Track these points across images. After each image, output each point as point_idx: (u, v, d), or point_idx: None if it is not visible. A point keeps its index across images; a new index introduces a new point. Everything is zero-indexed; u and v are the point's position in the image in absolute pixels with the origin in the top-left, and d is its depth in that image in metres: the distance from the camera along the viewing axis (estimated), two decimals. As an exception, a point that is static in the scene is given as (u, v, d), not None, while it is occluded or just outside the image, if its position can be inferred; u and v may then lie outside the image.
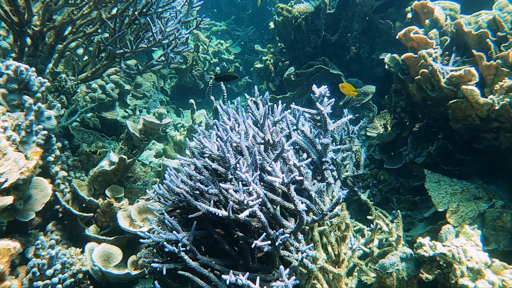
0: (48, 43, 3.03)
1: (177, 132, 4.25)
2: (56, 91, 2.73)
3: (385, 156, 3.39)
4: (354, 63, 4.53)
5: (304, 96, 4.03)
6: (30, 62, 2.95)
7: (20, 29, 2.82)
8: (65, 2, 2.73)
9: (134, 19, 2.96)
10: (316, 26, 4.29)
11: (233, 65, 6.15)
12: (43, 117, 2.31)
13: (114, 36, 2.71)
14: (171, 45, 2.76)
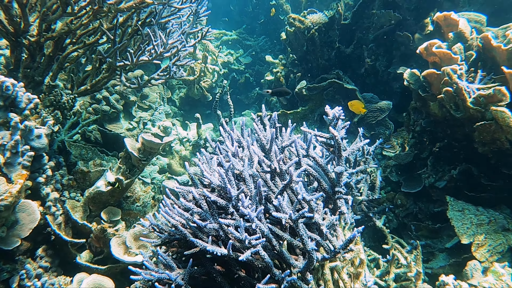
0: (46, 54, 2.87)
1: (182, 147, 4.06)
2: (51, 105, 2.57)
3: (402, 178, 3.15)
4: (370, 76, 4.31)
5: (316, 112, 3.82)
6: (26, 74, 2.80)
7: (15, 39, 2.67)
8: (63, 12, 2.56)
9: (136, 29, 2.80)
10: (330, 37, 4.08)
11: (243, 76, 5.97)
12: (33, 136, 2.14)
13: (114, 48, 2.54)
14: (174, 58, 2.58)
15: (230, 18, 7.57)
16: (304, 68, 4.52)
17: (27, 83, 2.83)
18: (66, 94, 2.59)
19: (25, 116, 2.07)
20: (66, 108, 2.56)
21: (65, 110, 2.57)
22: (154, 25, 2.48)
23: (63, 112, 2.57)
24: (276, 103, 5.07)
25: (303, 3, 5.72)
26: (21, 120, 2.00)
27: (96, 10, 2.49)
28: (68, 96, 2.57)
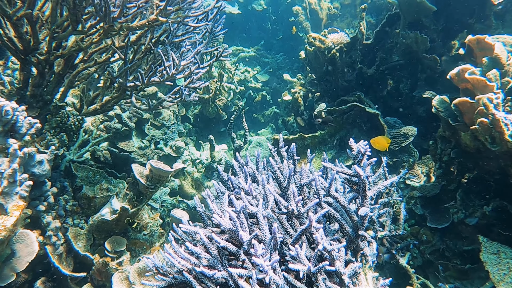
0: (56, 71, 2.76)
1: (194, 169, 3.91)
2: (57, 127, 2.44)
3: (427, 211, 2.93)
4: (392, 99, 4.11)
5: (336, 136, 3.63)
6: (34, 92, 2.69)
7: (25, 57, 2.56)
8: (73, 30, 2.45)
9: (149, 48, 2.68)
10: (352, 57, 3.91)
11: (260, 93, 5.83)
12: (34, 162, 2.00)
13: (124, 68, 2.41)
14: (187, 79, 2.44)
15: (248, 34, 7.47)
16: (324, 89, 4.34)
17: (35, 102, 2.72)
18: (73, 115, 2.47)
19: (25, 142, 1.93)
20: (73, 130, 2.43)
21: (71, 132, 2.44)
22: (167, 45, 2.34)
23: (69, 134, 2.44)
24: (293, 123, 4.90)
25: (323, 21, 5.58)
26: (20, 146, 1.87)
27: (106, 29, 2.37)
28: (75, 117, 2.44)
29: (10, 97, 2.61)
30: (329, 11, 5.60)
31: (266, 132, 5.45)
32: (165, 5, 2.46)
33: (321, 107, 3.58)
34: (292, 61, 6.68)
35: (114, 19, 2.15)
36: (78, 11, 2.36)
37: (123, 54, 2.50)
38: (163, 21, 2.51)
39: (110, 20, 2.13)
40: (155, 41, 2.90)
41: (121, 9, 2.04)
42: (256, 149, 4.90)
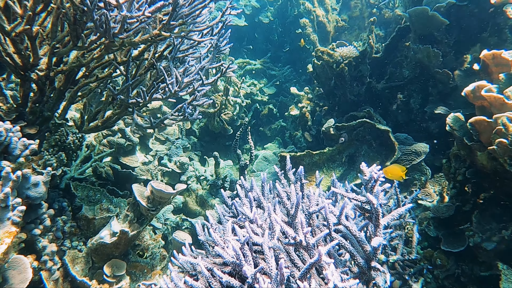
0: (57, 87, 2.69)
1: (199, 186, 3.81)
2: (56, 145, 2.36)
3: (441, 234, 2.80)
4: (402, 114, 3.99)
5: (345, 153, 3.52)
6: (34, 109, 2.62)
7: (24, 73, 2.49)
8: (74, 45, 2.37)
9: (151, 63, 2.60)
10: (361, 72, 3.81)
11: (266, 106, 5.73)
12: (29, 184, 1.91)
13: (125, 85, 2.33)
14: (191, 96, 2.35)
15: (255, 46, 7.40)
16: (332, 103, 4.24)
17: (34, 119, 2.65)
18: (72, 133, 2.38)
19: (19, 164, 1.85)
20: (72, 149, 2.35)
21: (70, 151, 2.36)
22: (170, 61, 2.25)
23: (68, 153, 2.35)
24: (300, 138, 4.79)
25: (330, 34, 5.49)
26: (13, 169, 1.78)
27: (107, 44, 2.29)
28: (74, 136, 2.35)
29: (8, 115, 2.54)
30: (336, 24, 5.52)
31: (272, 146, 5.34)
32: (168, 20, 2.38)
33: (330, 123, 3.47)
34: (299, 73, 6.59)
35: (114, 35, 2.07)
36: (78, 26, 2.29)
37: (125, 71, 2.42)
38: (166, 36, 2.43)
39: (110, 36, 2.05)
40: (158, 55, 2.82)
41: (122, 25, 1.96)
42: (263, 164, 4.80)
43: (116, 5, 1.82)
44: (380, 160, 3.36)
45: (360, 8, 5.75)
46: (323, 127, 3.56)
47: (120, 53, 2.69)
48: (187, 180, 3.86)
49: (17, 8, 2.28)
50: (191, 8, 2.49)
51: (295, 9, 6.92)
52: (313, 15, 5.40)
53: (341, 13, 5.80)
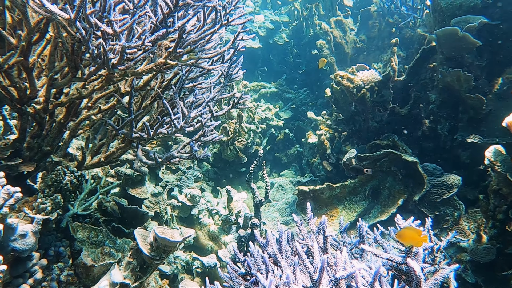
0: (57, 120, 2.50)
1: (211, 220, 3.56)
2: (52, 185, 2.15)
3: (481, 280, 2.49)
4: (428, 140, 3.71)
5: (368, 185, 3.24)
6: (32, 145, 2.43)
7: (21, 106, 2.31)
8: (73, 76, 2.18)
9: (156, 95, 2.40)
10: (383, 96, 3.56)
11: (282, 131, 5.50)
12: (15, 235, 1.70)
13: (128, 119, 2.13)
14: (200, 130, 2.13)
15: (269, 68, 7.22)
16: (352, 129, 3.98)
17: (32, 155, 2.45)
18: (70, 172, 2.17)
19: (2, 215, 1.63)
20: (69, 190, 2.14)
21: (68, 192, 2.14)
22: (175, 94, 2.04)
23: (65, 194, 2.14)
24: (319, 165, 4.52)
25: (348, 55, 5.27)
26: (-5, 221, 1.57)
27: (107, 76, 2.09)
28: (71, 175, 2.15)
29: (2, 152, 2.35)
30: (355, 45, 5.29)
31: (289, 173, 5.08)
32: (174, 47, 2.18)
33: (351, 154, 3.21)
34: (316, 95, 6.36)
35: (114, 66, 1.87)
36: (76, 56, 2.10)
37: (128, 103, 2.22)
38: (173, 64, 2.23)
39: (109, 67, 1.85)
40: (165, 84, 2.63)
41: (121, 56, 1.76)
42: (279, 193, 4.54)
43: (113, 34, 1.62)
44: (407, 193, 3.08)
45: (379, 27, 5.53)
46: (344, 158, 3.30)
47: (124, 83, 2.50)
48: (199, 213, 3.62)
49: (11, 38, 2.11)
50: (200, 34, 2.30)
51: (311, 30, 6.74)
52: (330, 36, 5.20)
53: (359, 33, 5.58)
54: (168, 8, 1.86)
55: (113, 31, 1.61)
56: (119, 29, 1.61)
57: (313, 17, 6.63)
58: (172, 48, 2.20)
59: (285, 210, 4.04)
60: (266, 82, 6.86)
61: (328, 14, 6.10)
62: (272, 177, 5.28)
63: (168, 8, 1.86)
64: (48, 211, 2.02)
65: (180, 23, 2.01)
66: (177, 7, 1.87)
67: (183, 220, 3.80)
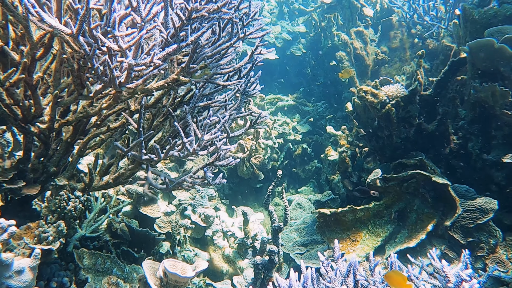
0: (64, 139, 2.36)
1: (226, 243, 3.38)
2: (55, 212, 2.00)
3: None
4: (457, 159, 3.47)
5: (393, 208, 3.02)
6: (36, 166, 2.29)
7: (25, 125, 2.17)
8: (79, 94, 2.04)
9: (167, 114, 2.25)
10: (409, 112, 3.35)
11: (300, 146, 5.30)
12: (11, 271, 1.54)
13: (136, 141, 1.97)
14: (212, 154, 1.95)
15: (286, 80, 7.05)
16: (374, 146, 3.77)
17: (37, 176, 2.32)
18: (75, 197, 2.02)
19: (-5, 251, 1.48)
20: (73, 217, 1.98)
21: (72, 219, 1.99)
22: (188, 114, 1.88)
23: (69, 221, 1.98)
24: (338, 183, 4.31)
25: (369, 67, 5.06)
26: (-14, 259, 1.41)
27: (115, 95, 1.95)
28: (76, 200, 1.99)
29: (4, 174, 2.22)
30: (376, 56, 5.09)
31: (307, 190, 4.87)
32: (187, 63, 2.03)
33: (376, 174, 3.00)
34: (335, 108, 6.15)
35: (121, 84, 1.72)
36: (82, 73, 1.96)
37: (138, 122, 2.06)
38: (186, 81, 2.08)
39: (116, 86, 1.70)
40: (178, 101, 2.47)
41: (128, 74, 1.60)
42: (297, 211, 4.34)
43: (119, 50, 1.46)
44: (437, 218, 2.85)
45: (401, 38, 5.32)
46: (368, 179, 3.08)
47: (134, 100, 2.35)
48: (213, 235, 3.44)
49: (13, 54, 1.98)
50: (215, 48, 2.14)
51: (329, 41, 6.56)
52: (350, 47, 5.01)
53: (380, 44, 5.38)
54: (180, 21, 1.71)
55: (118, 48, 1.46)
56: (125, 45, 1.45)
57: (331, 27, 6.45)
58: (185, 64, 2.05)
59: (303, 231, 3.83)
60: (283, 94, 6.69)
61: (348, 24, 5.92)
62: (290, 193, 5.08)
63: (180, 21, 1.71)
64: (50, 240, 1.87)
65: (194, 37, 1.85)
66: (190, 20, 1.71)
67: (197, 241, 3.62)
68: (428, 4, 4.89)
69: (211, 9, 1.73)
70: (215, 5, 1.73)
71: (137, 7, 1.39)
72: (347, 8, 5.76)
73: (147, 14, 1.40)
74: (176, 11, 1.65)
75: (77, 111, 2.29)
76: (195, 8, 1.62)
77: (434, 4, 4.90)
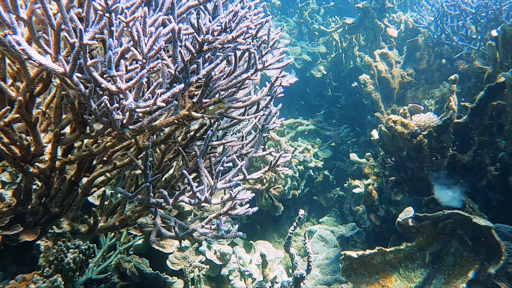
0: (67, 178, 2.18)
1: (243, 283, 3.13)
2: (52, 263, 1.80)
3: None
4: (495, 192, 3.18)
5: (428, 250, 2.73)
6: (36, 208, 2.12)
7: (24, 164, 2.00)
8: (81, 133, 1.86)
9: (176, 153, 2.05)
10: (442, 142, 3.08)
11: (321, 172, 5.03)
12: None
13: (142, 187, 1.76)
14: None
15: (306, 101, 6.82)
16: (403, 177, 3.49)
17: (36, 220, 2.14)
18: (74, 248, 1.82)
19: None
20: (72, 269, 1.78)
21: (70, 272, 1.78)
22: (199, 158, 1.67)
23: (67, 274, 1.78)
24: (363, 214, 4.02)
25: (395, 91, 4.80)
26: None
27: (118, 135, 1.76)
28: (75, 251, 1.79)
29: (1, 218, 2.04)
30: (402, 79, 4.83)
31: (329, 220, 4.59)
32: (200, 98, 1.83)
33: (408, 213, 2.72)
34: (357, 132, 5.89)
35: (123, 126, 1.52)
36: (83, 110, 1.78)
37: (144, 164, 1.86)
38: (198, 116, 1.88)
39: (117, 127, 1.50)
40: (191, 136, 2.28)
41: (130, 116, 1.40)
42: (319, 245, 4.07)
43: (118, 91, 1.27)
44: (478, 263, 2.55)
45: (428, 59, 5.05)
46: (399, 218, 2.80)
47: (142, 137, 2.16)
48: (229, 274, 3.20)
49: (10, 90, 1.82)
50: (230, 80, 1.94)
51: (351, 62, 6.34)
52: (374, 70, 4.76)
53: (405, 66, 5.12)
54: (190, 54, 1.51)
55: (117, 89, 1.26)
56: (124, 86, 1.25)
57: (353, 48, 6.24)
58: (196, 99, 1.85)
59: (326, 267, 3.55)
60: (303, 117, 6.46)
61: (371, 45, 5.69)
62: (311, 223, 4.81)
63: (190, 55, 1.51)
64: (44, 299, 1.66)
65: (205, 71, 1.65)
66: (201, 52, 1.51)
67: (212, 280, 3.37)
68: (457, 24, 4.62)
69: (225, 40, 1.53)
70: (229, 36, 1.53)
71: (138, 42, 1.20)
72: (370, 29, 5.53)
73: (149, 49, 1.21)
74: (185, 43, 1.45)
75: (81, 149, 2.12)
76: (207, 40, 1.42)
77: (463, 23, 4.63)
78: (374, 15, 5.47)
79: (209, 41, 1.47)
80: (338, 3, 8.61)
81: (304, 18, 7.11)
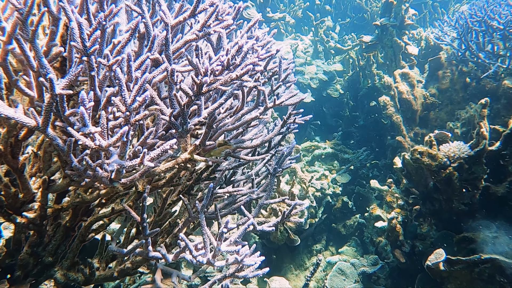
0: (62, 223, 1.99)
1: (256, 329, 2.89)
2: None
3: None
4: (535, 227, 2.87)
5: (463, 298, 2.45)
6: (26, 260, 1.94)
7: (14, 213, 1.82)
8: (70, 180, 1.67)
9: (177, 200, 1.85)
10: (473, 174, 2.81)
11: (340, 198, 4.77)
12: None
13: (139, 243, 1.57)
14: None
15: (323, 121, 6.58)
16: (429, 209, 3.22)
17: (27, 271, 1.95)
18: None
19: None
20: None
21: None
22: (201, 213, 1.46)
23: None
24: (386, 246, 3.74)
25: (417, 113, 4.54)
26: None
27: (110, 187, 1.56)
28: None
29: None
30: (424, 100, 4.56)
31: (349, 250, 4.31)
32: (202, 140, 1.63)
33: (438, 257, 2.45)
34: (376, 153, 5.61)
35: (112, 181, 1.32)
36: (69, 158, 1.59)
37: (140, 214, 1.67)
38: (201, 160, 1.68)
39: (105, 182, 1.30)
40: (196, 177, 2.08)
41: (117, 173, 1.20)
42: (338, 279, 3.79)
43: (98, 149, 1.07)
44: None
45: (451, 78, 4.77)
46: (428, 261, 2.54)
47: (142, 181, 1.97)
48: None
49: (-8, 136, 1.65)
50: (237, 120, 1.74)
51: (368, 81, 6.10)
52: (394, 91, 4.51)
53: (427, 85, 4.85)
54: (188, 97, 1.31)
55: (96, 145, 1.06)
56: (106, 143, 1.05)
57: (371, 66, 6.00)
58: (199, 141, 1.65)
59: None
60: (320, 137, 6.22)
61: (391, 64, 5.43)
62: (329, 253, 4.53)
63: (188, 98, 1.31)
64: None
65: (208, 112, 1.45)
66: (200, 95, 1.31)
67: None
68: (483, 40, 4.35)
69: (227, 80, 1.32)
70: (233, 74, 1.33)
71: (120, 92, 1.00)
72: (389, 47, 5.29)
73: (133, 101, 1.01)
74: (181, 86, 1.26)
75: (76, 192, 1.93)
76: (205, 82, 1.22)
77: (490, 40, 4.36)
78: (393, 33, 5.23)
79: (208, 83, 1.27)
80: (354, 19, 8.42)
81: (319, 35, 6.91)
